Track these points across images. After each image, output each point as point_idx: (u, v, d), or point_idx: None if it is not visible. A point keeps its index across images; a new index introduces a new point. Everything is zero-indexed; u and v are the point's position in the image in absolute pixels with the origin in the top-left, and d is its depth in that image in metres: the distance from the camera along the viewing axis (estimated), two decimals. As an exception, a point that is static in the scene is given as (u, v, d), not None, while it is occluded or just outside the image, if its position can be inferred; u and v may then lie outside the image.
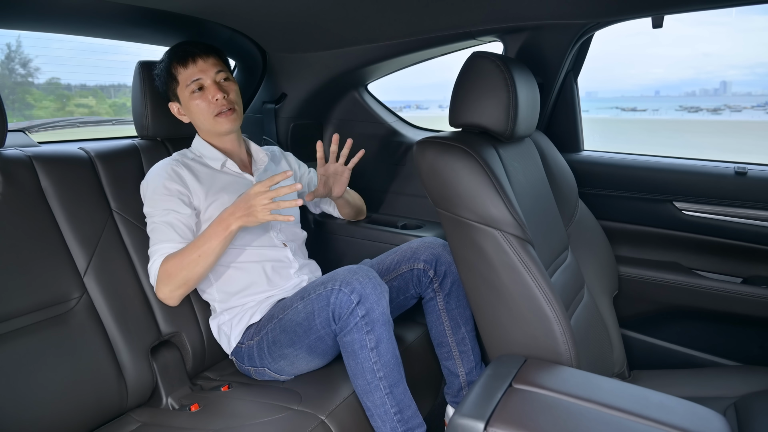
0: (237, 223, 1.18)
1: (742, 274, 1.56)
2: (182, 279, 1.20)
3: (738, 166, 1.54)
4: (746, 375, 1.36)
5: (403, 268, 1.37)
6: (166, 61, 1.33)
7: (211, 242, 1.19)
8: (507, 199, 1.09)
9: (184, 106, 1.35)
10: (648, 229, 1.69)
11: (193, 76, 1.30)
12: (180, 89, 1.33)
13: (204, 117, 1.32)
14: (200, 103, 1.31)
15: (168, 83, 1.34)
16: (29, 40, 2.82)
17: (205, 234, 1.20)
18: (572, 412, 0.88)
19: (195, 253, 1.19)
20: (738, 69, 17.56)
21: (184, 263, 1.19)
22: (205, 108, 1.31)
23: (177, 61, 1.31)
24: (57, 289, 1.11)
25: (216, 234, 1.18)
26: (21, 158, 1.15)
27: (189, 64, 1.30)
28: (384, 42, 1.58)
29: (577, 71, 1.73)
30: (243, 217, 1.17)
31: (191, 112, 1.34)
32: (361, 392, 1.12)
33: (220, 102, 1.30)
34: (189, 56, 1.30)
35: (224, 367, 1.38)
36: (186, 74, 1.31)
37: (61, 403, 1.05)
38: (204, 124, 1.34)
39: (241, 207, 1.18)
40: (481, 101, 1.16)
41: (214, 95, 1.30)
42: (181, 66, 1.31)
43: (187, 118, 1.38)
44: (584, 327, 1.28)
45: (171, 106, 1.38)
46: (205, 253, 1.18)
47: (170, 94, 1.36)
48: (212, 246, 1.18)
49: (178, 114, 1.38)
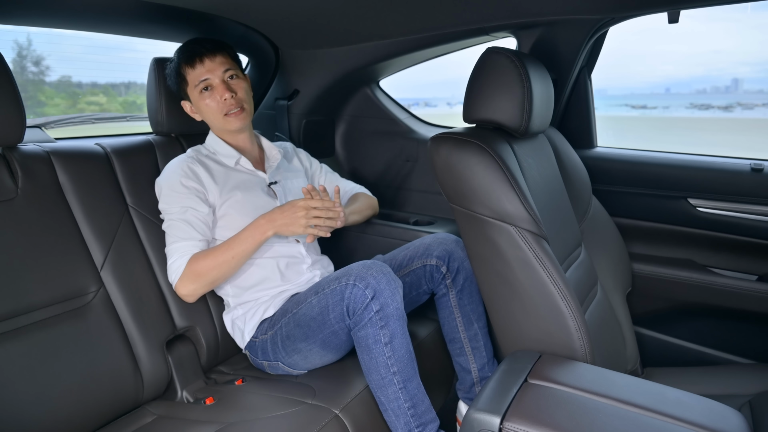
0: (273, 230, 1.22)
1: (757, 271, 1.55)
2: (212, 278, 1.22)
3: (754, 163, 1.52)
4: (761, 373, 1.35)
5: (416, 263, 1.37)
6: (176, 61, 1.34)
7: (245, 244, 1.22)
8: (522, 194, 1.09)
9: (194, 105, 1.36)
10: (662, 225, 1.68)
11: (201, 77, 1.31)
12: (189, 89, 1.34)
13: (214, 116, 1.34)
14: (209, 102, 1.32)
15: (178, 83, 1.35)
16: (41, 38, 2.84)
17: (240, 237, 1.23)
18: (588, 407, 0.88)
19: (228, 254, 1.21)
20: (750, 66, 17.22)
21: (216, 263, 1.21)
22: (214, 107, 1.32)
23: (185, 62, 1.32)
24: (74, 282, 1.12)
25: (252, 237, 1.22)
26: (39, 153, 1.17)
27: (196, 64, 1.31)
28: (396, 38, 1.58)
29: (591, 67, 1.72)
30: (282, 226, 1.21)
31: (202, 111, 1.35)
32: (375, 387, 1.12)
33: (228, 102, 1.31)
34: (196, 56, 1.31)
35: (238, 362, 1.39)
36: (194, 74, 1.31)
37: (79, 395, 1.07)
38: (215, 123, 1.36)
39: (284, 215, 1.21)
40: (496, 97, 1.16)
41: (222, 95, 1.31)
42: (189, 66, 1.31)
43: (199, 116, 1.39)
44: (598, 323, 1.28)
45: (184, 104, 1.40)
46: (239, 255, 1.22)
47: (182, 93, 1.37)
48: (246, 248, 1.22)
49: (191, 112, 1.40)
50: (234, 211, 1.31)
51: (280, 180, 1.43)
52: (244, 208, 1.31)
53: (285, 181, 1.45)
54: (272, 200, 1.38)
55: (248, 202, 1.32)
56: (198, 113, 1.38)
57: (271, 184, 1.40)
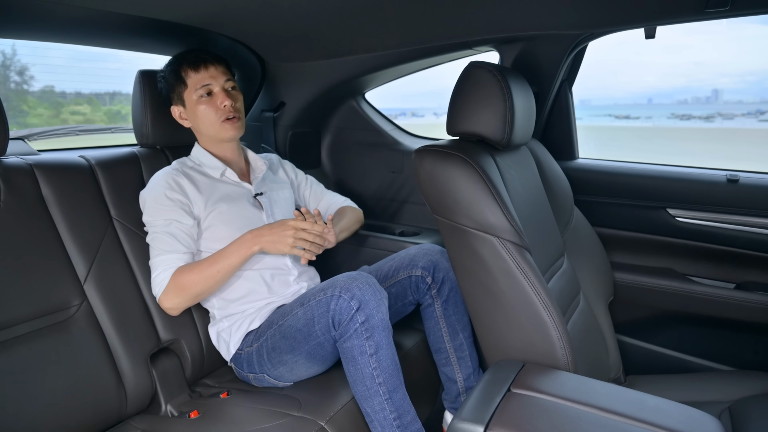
0: (259, 246, 1.22)
1: (735, 279, 1.58)
2: (196, 292, 1.22)
3: (730, 174, 1.56)
4: (740, 379, 1.38)
5: (401, 274, 1.38)
6: (175, 64, 1.35)
7: (231, 259, 1.22)
8: (504, 206, 1.11)
9: (189, 110, 1.36)
10: (642, 235, 1.71)
11: (204, 81, 1.32)
12: (188, 92, 1.34)
13: (209, 122, 1.34)
14: (207, 108, 1.33)
15: (175, 86, 1.35)
16: (25, 48, 2.82)
17: (226, 251, 1.23)
18: (570, 415, 0.89)
19: (213, 268, 1.21)
20: (729, 77, 17.77)
21: (201, 277, 1.21)
22: (211, 114, 1.33)
23: (188, 65, 1.33)
24: (57, 296, 1.11)
25: (238, 252, 1.22)
26: (22, 166, 1.16)
27: (201, 69, 1.33)
28: (382, 51, 1.60)
29: (572, 80, 1.75)
30: (269, 243, 1.22)
31: (197, 116, 1.35)
32: (361, 398, 1.12)
33: (228, 108, 1.33)
34: (201, 62, 1.33)
35: (223, 374, 1.38)
36: (196, 78, 1.33)
37: (61, 410, 1.05)
38: (208, 130, 1.36)
39: (272, 232, 1.22)
40: (478, 110, 1.18)
41: (223, 101, 1.33)
42: (193, 70, 1.33)
43: (188, 123, 1.39)
44: (581, 332, 1.30)
45: (173, 109, 1.39)
46: (224, 269, 1.22)
47: (174, 97, 1.37)
48: (232, 263, 1.22)
49: (179, 118, 1.39)
50: (219, 223, 1.31)
51: (266, 191, 1.44)
52: (229, 219, 1.31)
53: (271, 192, 1.45)
54: (258, 211, 1.38)
55: (233, 213, 1.33)
56: (189, 119, 1.37)
57: (257, 195, 1.41)
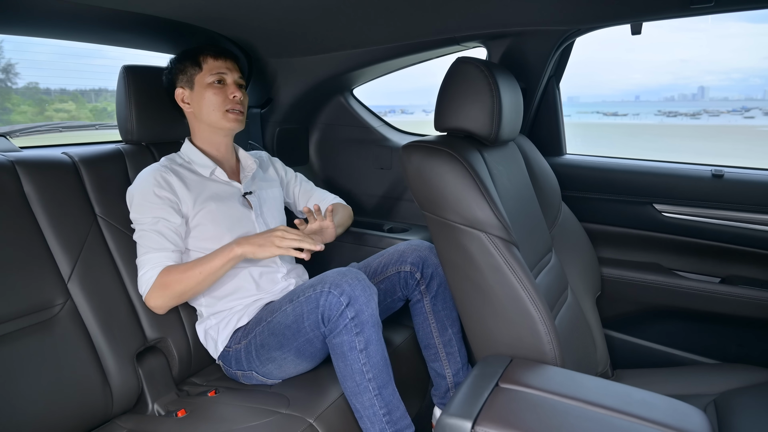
0: (242, 250, 1.20)
1: (719, 274, 1.60)
2: (178, 292, 1.21)
3: (715, 169, 1.58)
4: (725, 373, 1.40)
5: (390, 270, 1.38)
6: (193, 51, 1.36)
7: (213, 262, 1.21)
8: (492, 201, 1.11)
9: (195, 93, 1.35)
10: (629, 231, 1.72)
11: (220, 69, 1.35)
12: (200, 76, 1.34)
13: (214, 107, 1.34)
14: (216, 94, 1.34)
15: (187, 68, 1.35)
16: (8, 44, 2.77)
17: (211, 254, 1.23)
18: (557, 409, 0.90)
19: (196, 269, 1.20)
20: (715, 75, 18.00)
21: (184, 278, 1.20)
22: (218, 101, 1.34)
23: (209, 52, 1.36)
24: (40, 295, 1.10)
25: (222, 254, 1.21)
26: (3, 163, 1.14)
27: (220, 58, 1.36)
28: (369, 47, 1.60)
29: (559, 76, 1.76)
30: (255, 245, 1.20)
31: (203, 100, 1.34)
32: (350, 394, 1.12)
33: (236, 99, 1.35)
34: (221, 53, 1.37)
35: (211, 372, 1.37)
36: (214, 65, 1.35)
37: (45, 411, 1.04)
38: (210, 116, 1.35)
39: (260, 237, 1.21)
40: (466, 106, 1.18)
41: (233, 92, 1.35)
42: (212, 57, 1.35)
43: (189, 107, 1.37)
44: (568, 327, 1.31)
45: (177, 92, 1.38)
46: (206, 271, 1.21)
47: (183, 79, 1.36)
48: (214, 265, 1.21)
49: (181, 101, 1.38)
50: (207, 222, 1.29)
51: (255, 190, 1.43)
52: (217, 218, 1.30)
53: (260, 191, 1.44)
54: (247, 211, 1.37)
55: (222, 212, 1.31)
56: (192, 103, 1.36)
57: (246, 194, 1.40)
